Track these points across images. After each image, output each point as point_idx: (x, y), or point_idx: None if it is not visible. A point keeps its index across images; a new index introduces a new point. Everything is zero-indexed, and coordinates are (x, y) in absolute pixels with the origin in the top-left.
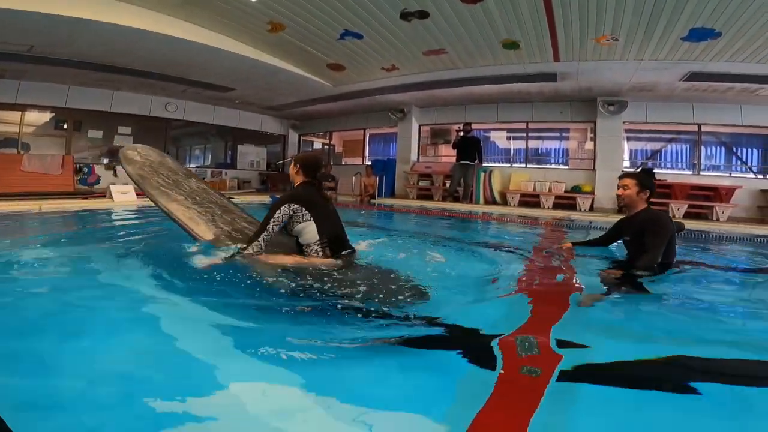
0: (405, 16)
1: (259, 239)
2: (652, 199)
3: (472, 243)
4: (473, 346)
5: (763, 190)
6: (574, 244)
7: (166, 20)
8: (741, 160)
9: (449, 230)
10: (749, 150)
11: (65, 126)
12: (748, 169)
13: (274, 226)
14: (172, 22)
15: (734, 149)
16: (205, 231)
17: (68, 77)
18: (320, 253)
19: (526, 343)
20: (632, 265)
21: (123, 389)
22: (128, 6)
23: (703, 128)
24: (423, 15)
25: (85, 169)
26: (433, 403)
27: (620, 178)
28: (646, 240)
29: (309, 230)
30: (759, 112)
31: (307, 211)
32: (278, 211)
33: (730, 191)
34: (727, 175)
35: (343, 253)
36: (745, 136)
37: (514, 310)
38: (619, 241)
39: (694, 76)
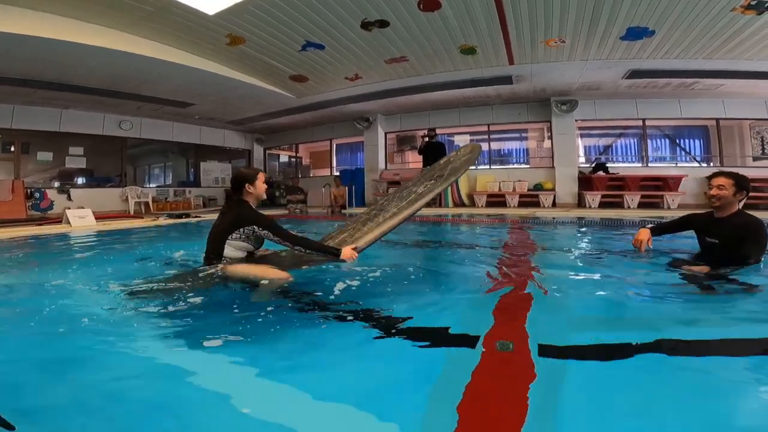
0: (366, 25)
1: None
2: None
3: (441, 245)
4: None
5: (708, 177)
6: (651, 231)
7: (115, 35)
8: (685, 150)
9: (420, 235)
10: (691, 140)
11: (12, 148)
12: (692, 159)
13: None
14: (122, 36)
15: (677, 140)
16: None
17: (13, 96)
18: None
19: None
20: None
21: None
22: (75, 22)
23: (647, 122)
24: (383, 24)
25: (37, 194)
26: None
27: (714, 176)
28: (746, 247)
29: None
30: (696, 104)
31: None
32: None
33: (677, 180)
34: (674, 165)
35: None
36: (686, 128)
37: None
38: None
39: (634, 74)
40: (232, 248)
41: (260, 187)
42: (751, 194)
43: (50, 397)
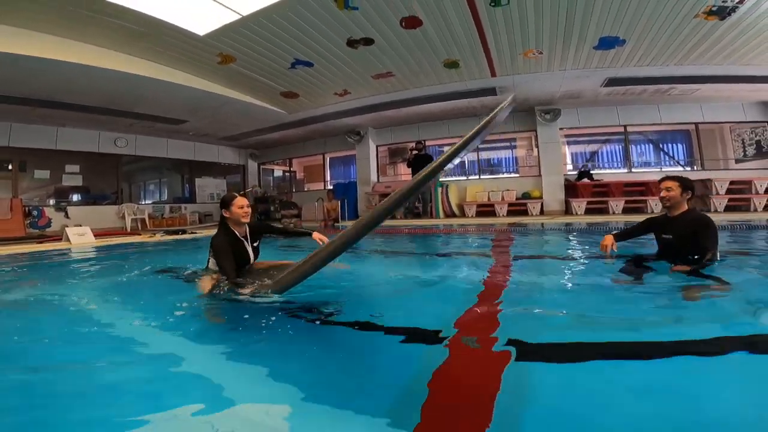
0: (351, 43)
1: None
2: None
3: (427, 254)
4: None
5: (657, 182)
6: (615, 236)
7: (109, 54)
8: (668, 155)
9: (412, 245)
10: (674, 145)
11: (10, 167)
12: (675, 163)
13: None
14: (116, 55)
15: (660, 145)
16: None
17: (9, 114)
18: None
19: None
20: (696, 261)
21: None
22: (68, 42)
23: (629, 128)
24: (368, 42)
25: (35, 212)
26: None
27: (662, 180)
28: (701, 241)
29: None
30: (674, 110)
31: None
32: None
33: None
34: (657, 170)
35: None
36: (669, 133)
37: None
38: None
39: (611, 82)
40: (212, 264)
41: (235, 212)
42: (734, 196)
43: (50, 398)
